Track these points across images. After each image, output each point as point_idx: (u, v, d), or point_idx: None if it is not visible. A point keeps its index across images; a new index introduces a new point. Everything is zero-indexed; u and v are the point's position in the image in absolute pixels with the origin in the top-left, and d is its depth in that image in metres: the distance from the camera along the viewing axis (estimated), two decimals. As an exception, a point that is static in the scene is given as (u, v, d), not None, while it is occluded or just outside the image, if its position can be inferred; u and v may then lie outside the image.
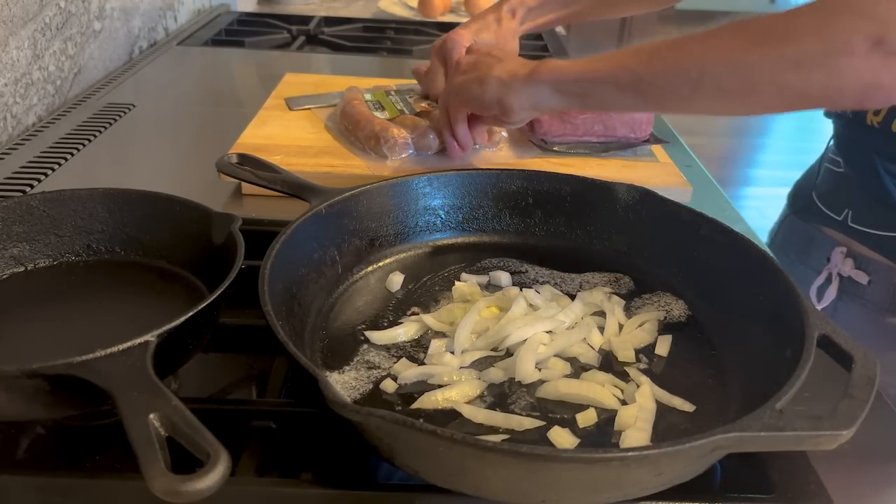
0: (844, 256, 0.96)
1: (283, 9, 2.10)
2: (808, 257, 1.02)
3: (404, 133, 0.91)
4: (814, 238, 1.01)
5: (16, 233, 0.62)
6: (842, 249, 0.96)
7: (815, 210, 1.01)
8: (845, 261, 0.95)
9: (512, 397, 0.54)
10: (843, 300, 0.96)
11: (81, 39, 1.23)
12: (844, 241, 0.96)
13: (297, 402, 0.54)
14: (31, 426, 0.53)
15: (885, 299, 0.92)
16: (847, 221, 0.95)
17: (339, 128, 0.98)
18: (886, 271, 0.91)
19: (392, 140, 0.90)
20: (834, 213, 0.97)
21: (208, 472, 0.36)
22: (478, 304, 0.61)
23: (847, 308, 0.96)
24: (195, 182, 0.88)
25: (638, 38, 3.60)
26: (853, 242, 0.95)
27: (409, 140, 0.91)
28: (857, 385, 0.46)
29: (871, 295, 0.93)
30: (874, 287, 0.92)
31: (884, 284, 0.92)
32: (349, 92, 1.03)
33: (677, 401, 0.54)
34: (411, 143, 0.91)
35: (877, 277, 0.92)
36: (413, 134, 0.91)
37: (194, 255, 0.62)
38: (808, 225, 1.03)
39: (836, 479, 0.50)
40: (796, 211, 1.06)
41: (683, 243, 0.67)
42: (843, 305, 0.96)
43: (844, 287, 0.96)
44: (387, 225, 0.71)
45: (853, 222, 0.94)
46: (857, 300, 0.95)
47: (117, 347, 0.44)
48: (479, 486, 0.43)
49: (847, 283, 0.96)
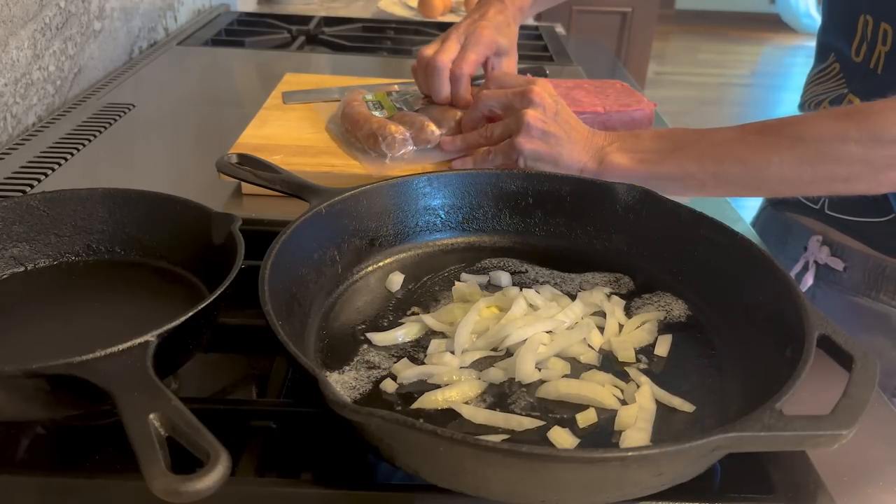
0: (821, 244, 0.98)
1: (283, 9, 2.10)
2: (785, 247, 1.05)
3: (402, 129, 0.90)
4: (791, 228, 1.04)
5: (16, 233, 0.62)
6: (818, 238, 0.98)
7: (791, 201, 1.03)
8: (822, 248, 0.97)
9: (512, 397, 0.54)
10: (819, 287, 0.99)
11: (81, 39, 1.23)
12: (821, 229, 0.98)
13: (297, 402, 0.54)
14: (31, 426, 0.53)
15: (861, 283, 0.94)
16: (824, 209, 0.97)
17: (339, 130, 0.98)
18: (861, 257, 0.93)
19: (390, 137, 0.89)
20: (811, 203, 0.99)
21: (208, 472, 0.36)
22: (478, 304, 0.61)
23: (824, 294, 0.98)
24: (195, 182, 0.88)
25: (638, 37, 3.60)
26: (830, 230, 0.97)
27: (406, 136, 0.90)
28: (857, 385, 0.46)
29: (848, 280, 0.95)
30: (850, 272, 0.95)
31: (859, 269, 0.94)
32: (350, 93, 1.03)
33: (677, 401, 0.54)
34: (409, 139, 0.90)
35: (852, 263, 0.94)
36: (411, 129, 0.91)
37: (194, 255, 0.62)
38: (786, 215, 1.05)
39: (836, 479, 0.50)
40: (774, 203, 1.08)
41: (683, 243, 0.67)
42: (821, 292, 0.98)
43: (820, 274, 0.98)
44: (387, 225, 0.71)
45: (830, 210, 0.96)
46: (833, 286, 0.97)
47: (117, 347, 0.44)
48: (479, 486, 0.43)
49: (823, 270, 0.98)
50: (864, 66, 0.87)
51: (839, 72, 0.93)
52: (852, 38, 0.89)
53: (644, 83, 3.76)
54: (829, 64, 0.95)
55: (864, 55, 0.88)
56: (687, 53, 5.91)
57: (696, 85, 5.22)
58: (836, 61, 0.94)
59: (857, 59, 0.89)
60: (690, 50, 5.98)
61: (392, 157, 0.90)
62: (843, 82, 0.92)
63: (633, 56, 3.65)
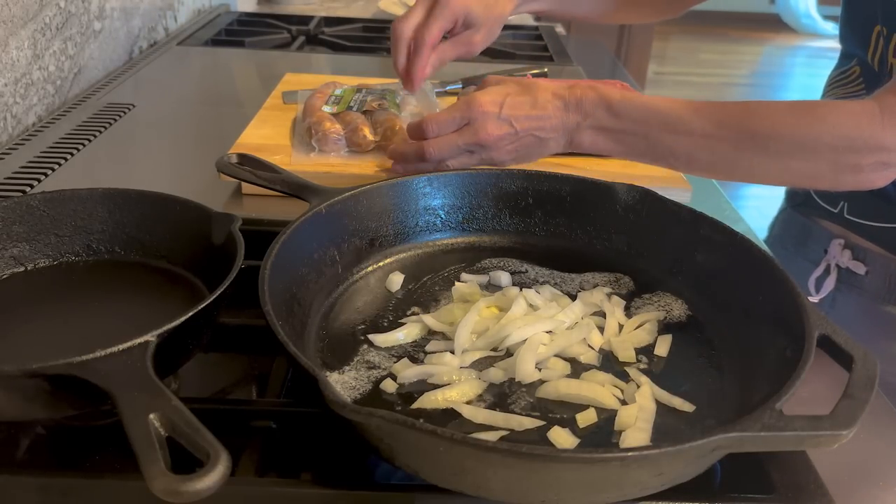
0: (842, 248, 0.97)
1: (283, 9, 2.10)
2: (805, 249, 1.04)
3: (338, 128, 0.89)
4: (811, 231, 1.03)
5: (16, 233, 0.62)
6: (839, 241, 0.97)
7: (811, 203, 1.02)
8: (843, 252, 0.97)
9: (512, 397, 0.54)
10: (841, 291, 0.98)
11: (81, 39, 1.23)
12: (841, 232, 0.97)
13: (297, 402, 0.54)
14: (31, 426, 0.53)
15: (882, 288, 0.93)
16: (843, 213, 0.96)
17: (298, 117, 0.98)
18: (883, 261, 0.92)
19: (322, 133, 0.88)
20: (830, 206, 0.98)
21: (208, 472, 0.36)
22: (478, 304, 0.61)
23: (845, 299, 0.97)
24: (195, 182, 0.88)
25: (639, 37, 3.60)
26: (850, 234, 0.96)
27: (340, 136, 0.88)
28: (857, 385, 0.46)
29: (869, 284, 0.94)
30: (871, 277, 0.94)
31: (881, 274, 0.93)
32: (324, 86, 1.02)
33: (677, 401, 0.54)
34: (343, 139, 0.89)
35: (874, 267, 0.94)
36: (346, 129, 0.89)
37: (194, 255, 0.62)
38: (806, 218, 1.04)
39: (836, 479, 0.50)
40: (794, 205, 1.07)
41: (683, 243, 0.67)
42: (842, 296, 0.97)
43: (842, 277, 0.97)
44: (387, 225, 0.70)
45: (849, 214, 0.96)
46: (854, 290, 0.96)
47: (117, 347, 0.44)
48: (479, 486, 0.43)
49: (845, 273, 0.97)
50: (882, 73, 0.87)
51: (860, 75, 0.93)
52: (867, 46, 0.89)
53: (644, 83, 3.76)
54: (851, 67, 0.95)
55: (878, 64, 0.87)
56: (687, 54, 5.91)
57: (697, 85, 5.22)
58: (857, 65, 0.93)
59: (875, 67, 0.88)
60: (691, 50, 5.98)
61: (320, 151, 0.88)
62: (862, 87, 0.91)
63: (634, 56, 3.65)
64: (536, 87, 0.77)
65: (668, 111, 0.73)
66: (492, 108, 0.76)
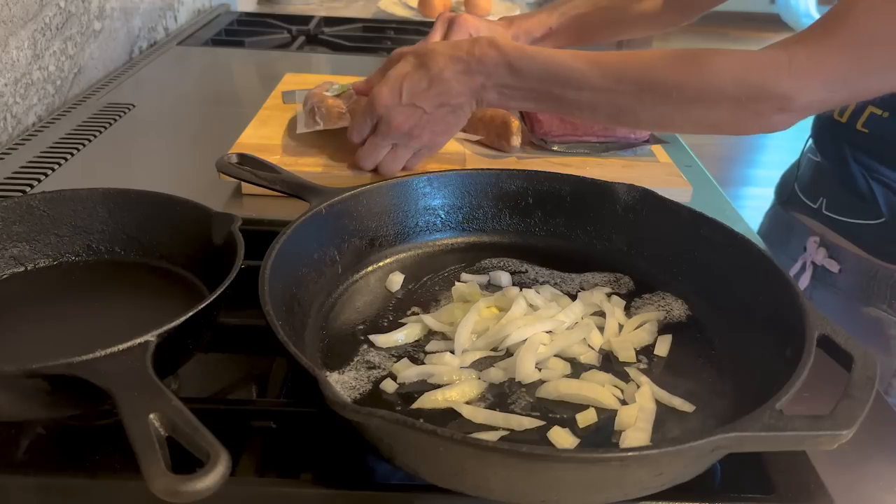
0: (818, 246, 0.98)
1: (283, 9, 2.10)
2: (787, 246, 1.05)
3: (339, 103, 0.90)
4: (793, 227, 1.04)
5: (16, 233, 0.62)
6: (815, 238, 0.99)
7: (795, 200, 1.03)
8: (818, 250, 0.98)
9: (512, 397, 0.54)
10: (816, 288, 0.99)
11: (81, 39, 1.23)
12: (819, 229, 0.99)
13: (297, 402, 0.54)
14: (31, 426, 0.53)
15: (854, 288, 0.94)
16: (822, 209, 0.97)
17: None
18: (856, 261, 0.94)
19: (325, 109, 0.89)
20: (811, 202, 1.00)
21: (208, 472, 0.36)
22: (478, 304, 0.61)
23: (820, 296, 0.98)
24: (195, 182, 0.88)
25: (638, 38, 3.60)
26: (827, 231, 0.97)
27: (344, 109, 0.89)
28: (857, 385, 0.46)
29: (842, 283, 0.95)
30: (844, 275, 0.95)
31: (854, 273, 0.94)
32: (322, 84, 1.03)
33: (677, 401, 0.54)
34: (347, 115, 0.89)
35: (847, 266, 0.95)
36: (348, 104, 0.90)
37: (194, 255, 0.62)
38: (789, 215, 1.06)
39: (836, 479, 0.50)
40: (781, 202, 1.09)
41: (683, 243, 0.67)
42: (817, 294, 0.99)
43: (817, 275, 0.99)
44: (387, 225, 0.71)
45: (827, 210, 0.97)
46: (829, 288, 0.97)
47: (117, 347, 0.44)
48: (479, 486, 0.43)
49: (820, 271, 0.98)
50: None
51: None
52: None
53: (644, 83, 3.75)
54: None
55: None
56: (687, 53, 5.90)
57: (696, 85, 5.21)
58: None
59: None
60: (690, 50, 5.97)
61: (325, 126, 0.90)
62: None
63: (633, 56, 3.64)
64: (433, 55, 0.78)
65: (568, 68, 0.74)
66: (392, 98, 0.78)
